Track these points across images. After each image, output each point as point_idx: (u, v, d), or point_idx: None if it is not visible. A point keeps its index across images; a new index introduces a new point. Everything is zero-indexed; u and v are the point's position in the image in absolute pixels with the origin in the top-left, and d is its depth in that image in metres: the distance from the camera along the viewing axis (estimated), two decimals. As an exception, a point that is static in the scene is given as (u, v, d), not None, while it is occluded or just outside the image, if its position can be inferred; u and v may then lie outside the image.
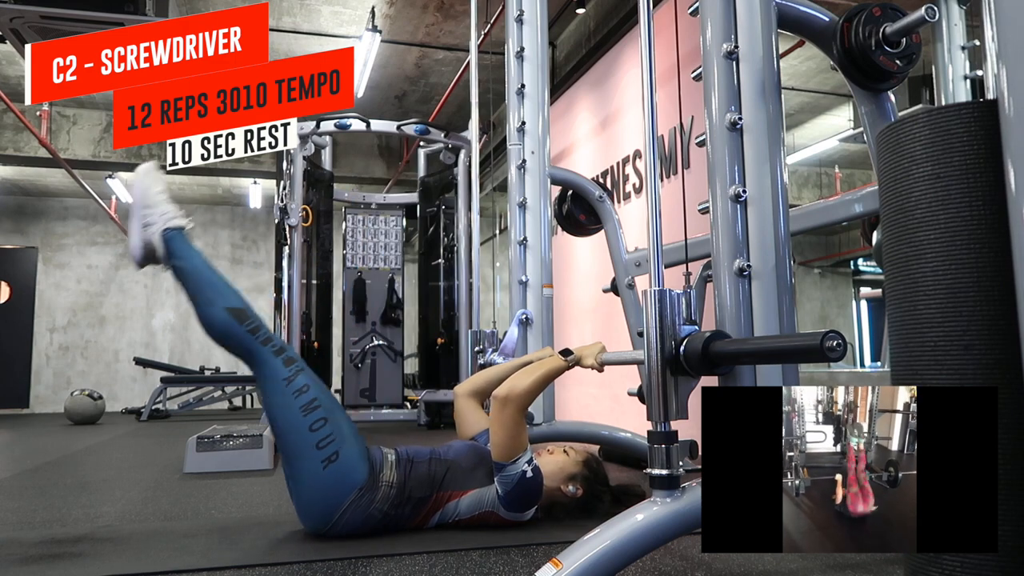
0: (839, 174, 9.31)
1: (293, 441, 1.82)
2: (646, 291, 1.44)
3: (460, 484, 1.92)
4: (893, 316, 1.19)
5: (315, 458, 1.80)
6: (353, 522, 1.83)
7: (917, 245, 1.13)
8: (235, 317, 1.88)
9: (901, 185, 1.17)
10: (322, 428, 1.81)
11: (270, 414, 1.87)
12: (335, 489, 1.81)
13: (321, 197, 6.07)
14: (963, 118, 1.11)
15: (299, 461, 1.82)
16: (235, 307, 1.89)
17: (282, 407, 1.84)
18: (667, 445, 1.37)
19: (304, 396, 1.83)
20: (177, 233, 1.99)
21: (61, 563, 1.67)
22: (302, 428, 1.81)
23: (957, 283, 1.09)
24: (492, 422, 1.90)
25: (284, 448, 1.85)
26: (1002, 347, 1.05)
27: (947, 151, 1.11)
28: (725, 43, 1.60)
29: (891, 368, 1.20)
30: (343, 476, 1.81)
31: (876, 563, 1.59)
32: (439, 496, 1.90)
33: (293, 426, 1.82)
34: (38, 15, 3.59)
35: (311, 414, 1.82)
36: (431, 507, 1.90)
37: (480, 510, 1.91)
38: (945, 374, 1.09)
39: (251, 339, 1.87)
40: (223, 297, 1.91)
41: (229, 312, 1.88)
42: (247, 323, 1.88)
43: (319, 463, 1.80)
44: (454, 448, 2.02)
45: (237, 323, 1.87)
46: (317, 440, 1.80)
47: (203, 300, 1.90)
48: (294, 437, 1.82)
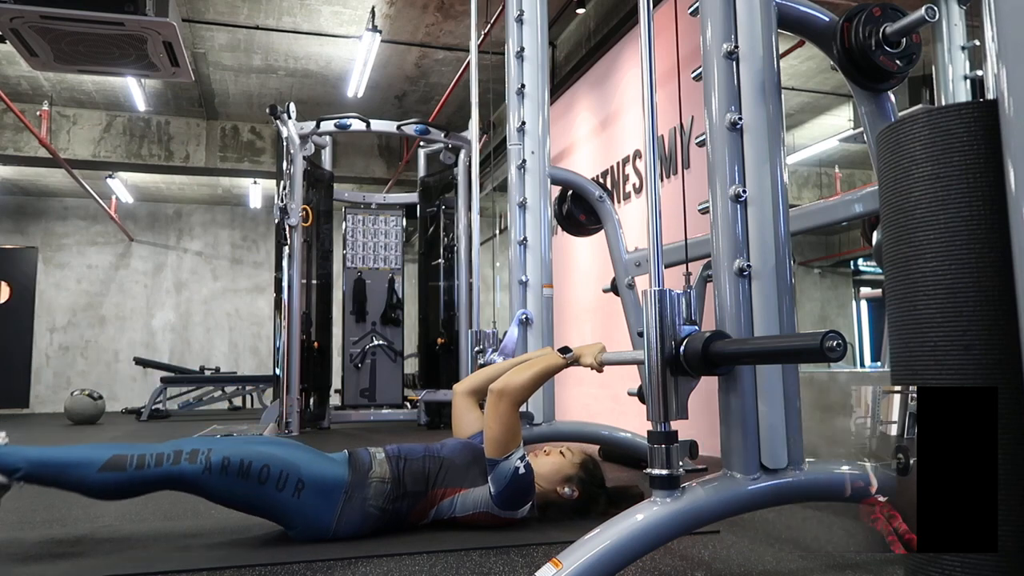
0: (839, 174, 9.30)
1: (259, 503, 1.80)
2: (646, 291, 1.44)
3: (454, 481, 1.92)
4: (893, 316, 1.19)
5: (284, 499, 1.78)
6: (352, 523, 1.83)
7: (917, 245, 1.13)
8: (113, 470, 1.72)
9: (901, 185, 1.17)
10: (269, 474, 1.77)
11: (226, 504, 1.83)
12: (320, 504, 1.81)
13: (321, 197, 6.07)
14: (963, 118, 1.11)
15: (275, 510, 1.81)
16: (105, 461, 1.73)
17: (225, 491, 1.78)
18: (667, 445, 1.37)
19: (231, 468, 1.76)
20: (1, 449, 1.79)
21: (61, 563, 1.67)
22: (253, 490, 1.77)
23: (957, 283, 1.09)
24: (487, 415, 1.90)
25: (259, 511, 1.84)
26: (1002, 347, 1.05)
27: (947, 151, 1.11)
28: (725, 43, 1.60)
29: (891, 368, 1.20)
30: (320, 491, 1.80)
31: (876, 563, 1.59)
32: (433, 493, 1.90)
33: (247, 494, 1.78)
34: (38, 15, 3.59)
35: (249, 476, 1.76)
36: (427, 502, 1.90)
37: (475, 510, 1.91)
38: (945, 374, 1.09)
39: (149, 471, 1.74)
40: (87, 464, 1.73)
41: (105, 470, 1.72)
42: (130, 464, 1.73)
43: (290, 498, 1.78)
44: (448, 446, 2.02)
45: (121, 472, 1.73)
46: (273, 486, 1.77)
47: (76, 482, 1.74)
48: (256, 500, 1.79)
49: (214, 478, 1.76)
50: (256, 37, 6.43)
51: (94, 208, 10.46)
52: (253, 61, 6.95)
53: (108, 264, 10.90)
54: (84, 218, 10.84)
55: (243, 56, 6.84)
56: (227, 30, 6.30)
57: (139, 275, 10.97)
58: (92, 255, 10.85)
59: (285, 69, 7.13)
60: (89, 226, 10.87)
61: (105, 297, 10.83)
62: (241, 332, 11.18)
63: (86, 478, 1.72)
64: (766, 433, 1.50)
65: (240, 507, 1.84)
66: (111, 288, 10.87)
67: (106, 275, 10.88)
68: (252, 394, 9.26)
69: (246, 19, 6.13)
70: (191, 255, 11.21)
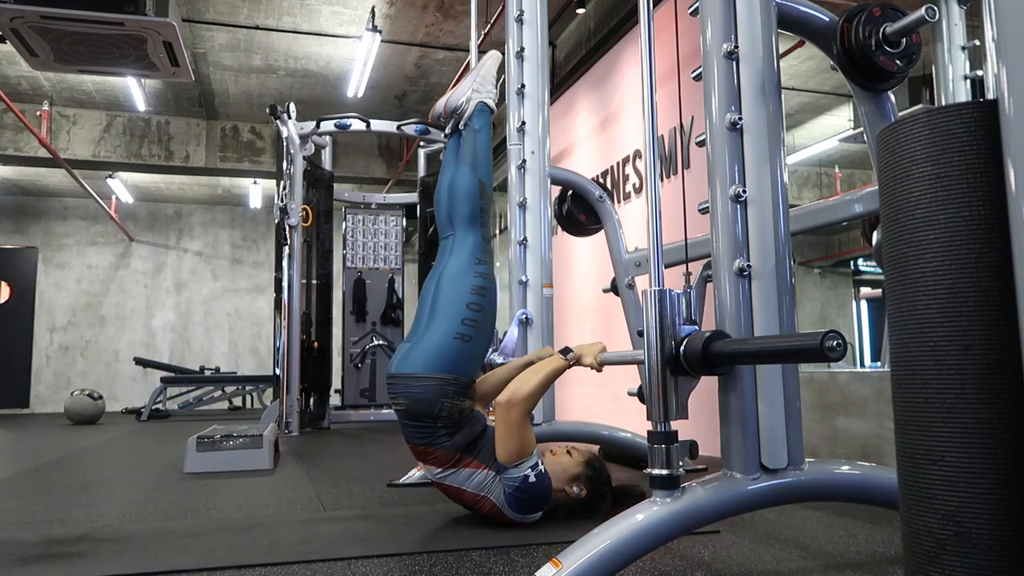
0: (839, 174, 9.30)
1: (446, 304, 1.98)
2: (646, 291, 1.44)
3: (484, 459, 1.95)
4: (893, 316, 1.19)
5: (453, 326, 1.95)
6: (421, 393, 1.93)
7: (917, 245, 1.13)
8: (481, 191, 2.12)
9: (901, 185, 1.17)
10: (476, 313, 1.97)
11: (442, 277, 2.04)
12: (446, 358, 1.94)
13: (321, 197, 6.07)
14: (963, 118, 1.11)
15: (437, 321, 1.97)
16: (485, 183, 2.14)
17: (459, 274, 2.02)
18: (667, 445, 1.37)
19: (480, 280, 2.01)
20: (487, 109, 2.30)
21: (61, 563, 1.67)
22: (462, 297, 1.98)
23: (957, 283, 1.09)
24: (497, 427, 1.91)
25: (432, 304, 2.00)
26: (1002, 347, 1.05)
27: (947, 151, 1.11)
28: (725, 43, 1.60)
29: (891, 368, 1.20)
30: (459, 357, 1.95)
31: (876, 563, 1.59)
32: (464, 458, 1.94)
33: (456, 290, 1.99)
34: (38, 15, 3.59)
35: (476, 296, 1.99)
36: (457, 460, 1.94)
37: (486, 495, 1.92)
38: (945, 374, 1.09)
39: (477, 215, 2.10)
40: (482, 171, 2.16)
41: (480, 184, 2.13)
42: (484, 200, 2.13)
43: (453, 332, 1.95)
44: (491, 429, 2.04)
45: (478, 196, 2.11)
46: (465, 316, 1.97)
47: (467, 160, 2.17)
48: (449, 302, 1.98)
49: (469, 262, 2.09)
50: (256, 37, 6.43)
51: (94, 208, 10.47)
52: (253, 61, 6.95)
53: (108, 264, 10.90)
54: (84, 218, 10.85)
55: (243, 56, 6.84)
56: (227, 30, 6.30)
57: (139, 275, 10.97)
58: (92, 255, 10.86)
59: (285, 69, 7.13)
60: (89, 226, 10.87)
61: (105, 297, 10.83)
62: (241, 332, 11.18)
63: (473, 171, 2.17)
64: (766, 433, 1.50)
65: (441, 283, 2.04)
66: (111, 288, 10.87)
67: (106, 275, 10.88)
68: (252, 394, 9.26)
69: (246, 19, 6.13)
70: (191, 255, 11.21)
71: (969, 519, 1.02)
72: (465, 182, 2.15)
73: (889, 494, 1.52)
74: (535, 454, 1.91)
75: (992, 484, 1.02)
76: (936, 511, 1.05)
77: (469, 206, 2.12)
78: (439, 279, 2.05)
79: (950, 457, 1.04)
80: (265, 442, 3.36)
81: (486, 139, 2.26)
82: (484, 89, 2.32)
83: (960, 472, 1.03)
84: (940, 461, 1.05)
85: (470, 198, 2.13)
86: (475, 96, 2.30)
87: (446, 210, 2.16)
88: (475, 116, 2.27)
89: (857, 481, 1.59)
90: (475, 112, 2.27)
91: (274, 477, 3.07)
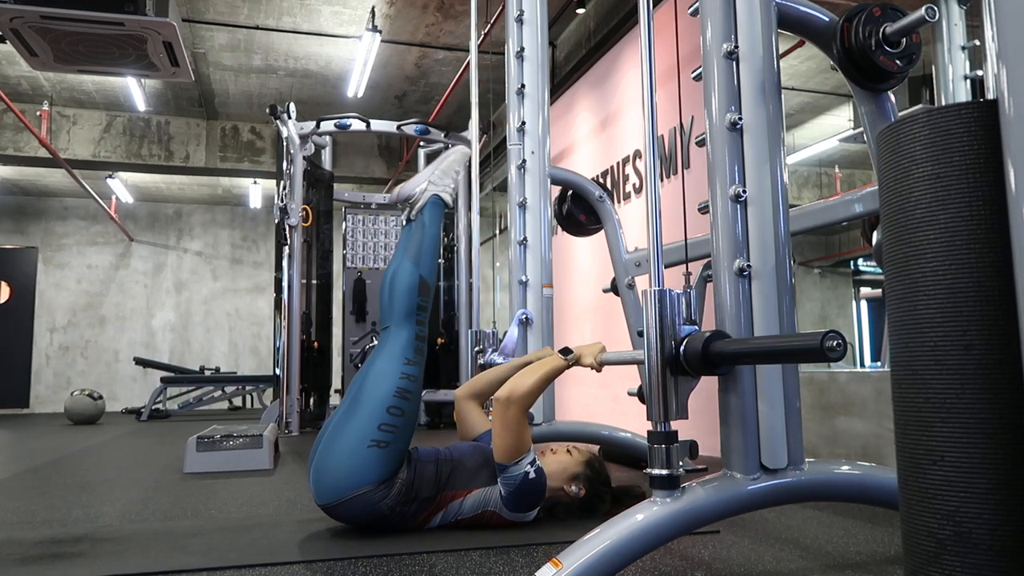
0: (839, 174, 9.30)
1: (365, 405, 1.89)
2: (646, 291, 1.44)
3: (464, 484, 1.92)
4: (893, 316, 1.19)
5: (368, 433, 1.85)
6: (358, 510, 1.84)
7: (917, 245, 1.13)
8: (420, 288, 2.07)
9: (901, 185, 1.17)
10: (395, 418, 1.88)
11: (369, 371, 1.97)
12: (362, 472, 1.83)
13: (321, 197, 6.07)
14: (963, 118, 1.11)
15: (353, 423, 1.87)
16: (426, 280, 2.08)
17: (385, 374, 1.93)
18: (667, 445, 1.37)
19: (404, 382, 1.93)
20: (440, 203, 2.24)
21: (61, 563, 1.67)
22: (384, 400, 1.89)
23: (957, 283, 1.09)
24: (494, 424, 1.90)
25: (351, 405, 1.91)
26: (1002, 347, 1.05)
27: (947, 151, 1.11)
28: (725, 43, 1.60)
29: (891, 368, 1.20)
30: (375, 465, 1.84)
31: (876, 563, 1.59)
32: (443, 496, 1.91)
33: (379, 389, 1.90)
34: (38, 15, 3.59)
35: (398, 399, 1.90)
36: (435, 507, 1.91)
37: (483, 508, 1.92)
38: (945, 374, 1.09)
39: (413, 312, 2.04)
40: (424, 268, 2.11)
41: (420, 280, 2.07)
42: (422, 298, 2.06)
43: (368, 439, 1.85)
44: (458, 448, 2.02)
45: (416, 293, 2.06)
46: (383, 421, 1.87)
47: (411, 255, 2.12)
48: (369, 403, 1.89)
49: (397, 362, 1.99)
50: (256, 37, 6.43)
51: (94, 208, 10.47)
52: (253, 61, 6.95)
53: (108, 264, 10.90)
54: (84, 218, 10.84)
55: (243, 56, 6.84)
56: (227, 30, 6.30)
57: (139, 275, 10.97)
58: (92, 255, 10.86)
59: (285, 69, 7.13)
60: (89, 226, 10.87)
61: (105, 297, 10.83)
62: (241, 332, 11.18)
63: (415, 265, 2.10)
64: (766, 433, 1.50)
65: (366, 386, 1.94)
66: (111, 288, 10.87)
67: (106, 275, 10.88)
68: (252, 394, 9.26)
69: (246, 19, 6.13)
70: (191, 255, 11.21)
71: (969, 519, 1.02)
72: (405, 277, 2.07)
73: (889, 494, 1.52)
74: (531, 450, 1.91)
75: (992, 484, 1.02)
76: (936, 511, 1.05)
77: (406, 302, 2.05)
78: (367, 372, 1.98)
79: (950, 457, 1.04)
80: (265, 442, 3.36)
81: (434, 235, 2.18)
82: (441, 183, 2.25)
83: (960, 472, 1.03)
84: (940, 461, 1.05)
85: (407, 293, 2.05)
86: (431, 188, 2.22)
87: (387, 301, 2.08)
88: (427, 209, 2.20)
89: (857, 481, 1.59)
90: (427, 204, 2.20)
91: (274, 477, 3.07)
